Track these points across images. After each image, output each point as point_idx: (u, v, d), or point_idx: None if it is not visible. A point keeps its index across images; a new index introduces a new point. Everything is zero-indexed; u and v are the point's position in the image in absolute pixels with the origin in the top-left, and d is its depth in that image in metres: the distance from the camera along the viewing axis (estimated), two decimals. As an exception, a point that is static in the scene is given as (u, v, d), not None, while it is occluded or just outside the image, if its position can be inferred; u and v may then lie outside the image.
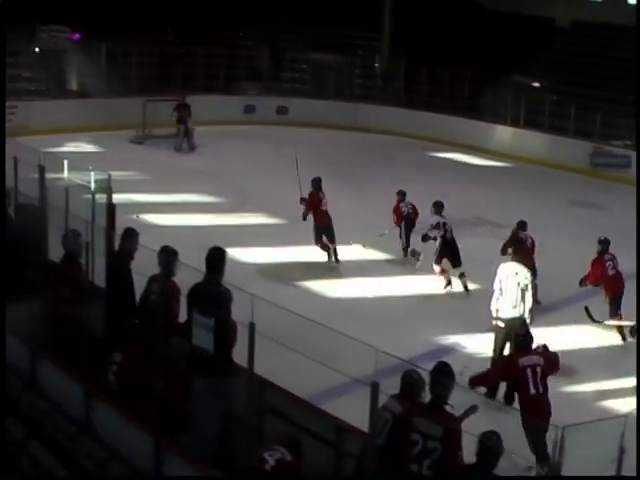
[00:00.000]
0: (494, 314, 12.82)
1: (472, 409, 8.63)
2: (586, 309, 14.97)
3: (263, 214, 21.26)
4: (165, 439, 7.96)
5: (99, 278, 11.25)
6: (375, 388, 7.48)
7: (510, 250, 14.62)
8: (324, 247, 18.27)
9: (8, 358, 10.22)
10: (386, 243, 18.97)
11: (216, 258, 8.68)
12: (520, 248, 13.37)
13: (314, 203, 18.23)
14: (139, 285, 10.57)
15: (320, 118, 34.23)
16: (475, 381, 10.71)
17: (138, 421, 8.28)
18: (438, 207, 17.55)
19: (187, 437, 8.59)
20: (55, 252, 12.08)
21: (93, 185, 14.01)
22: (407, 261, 18.49)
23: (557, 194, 25.37)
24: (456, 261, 17.22)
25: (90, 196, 13.79)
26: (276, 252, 18.60)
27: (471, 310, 14.06)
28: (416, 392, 8.20)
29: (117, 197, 14.25)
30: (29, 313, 10.45)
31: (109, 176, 13.92)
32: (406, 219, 19.00)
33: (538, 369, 10.65)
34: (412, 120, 33.86)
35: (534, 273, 14.83)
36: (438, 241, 17.22)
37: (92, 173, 14.59)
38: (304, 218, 18.30)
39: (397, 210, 19.31)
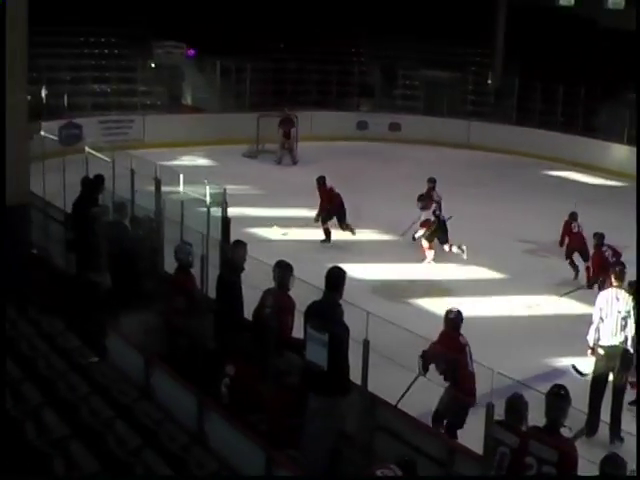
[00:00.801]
0: (591, 343, 12.43)
1: (580, 432, 8.44)
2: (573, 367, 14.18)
3: (374, 230, 21.23)
4: (276, 453, 7.98)
5: (213, 290, 11.35)
6: (490, 409, 7.38)
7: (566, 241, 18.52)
8: (328, 229, 20.49)
9: (123, 366, 10.42)
10: (500, 262, 18.80)
11: (336, 277, 8.71)
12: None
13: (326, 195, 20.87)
14: (254, 298, 10.63)
15: (432, 135, 34.04)
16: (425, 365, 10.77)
17: (250, 433, 8.32)
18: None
19: (298, 452, 8.60)
20: (170, 264, 12.26)
21: (208, 198, 14.20)
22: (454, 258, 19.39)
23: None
24: (444, 238, 19.51)
25: (205, 209, 13.99)
26: (387, 269, 18.54)
27: (584, 332, 13.74)
28: (522, 417, 8.05)
29: (231, 211, 14.43)
30: (144, 323, 10.61)
31: (224, 190, 14.10)
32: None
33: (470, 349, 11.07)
34: (525, 138, 33.40)
35: (586, 257, 18.23)
36: (433, 220, 19.46)
37: (207, 187, 14.80)
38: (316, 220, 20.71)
39: (430, 196, 20.45)
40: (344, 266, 9.18)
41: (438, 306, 16.59)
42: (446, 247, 19.52)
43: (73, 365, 8.85)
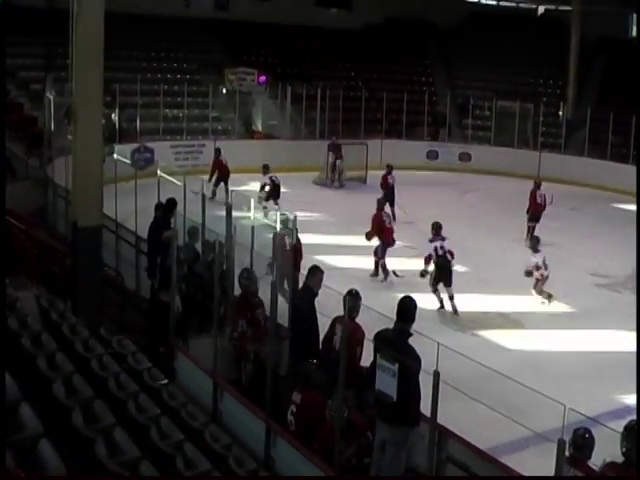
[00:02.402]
0: None
1: None
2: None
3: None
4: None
5: (283, 317, 11.34)
6: (561, 446, 7.23)
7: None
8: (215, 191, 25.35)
9: (192, 389, 10.46)
10: (572, 295, 18.56)
11: (407, 307, 8.65)
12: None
13: (220, 166, 27.55)
14: (324, 326, 10.62)
15: (503, 166, 33.88)
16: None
17: (319, 461, 8.28)
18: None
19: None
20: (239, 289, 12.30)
21: (279, 225, 14.24)
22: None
23: None
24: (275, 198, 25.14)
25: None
26: (457, 300, 18.36)
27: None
28: (590, 452, 7.92)
29: (301, 237, 14.45)
30: (214, 347, 10.63)
31: (295, 217, 14.12)
32: (390, 188, 25.55)
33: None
34: (597, 170, 33.05)
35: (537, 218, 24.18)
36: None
37: (277, 213, 14.84)
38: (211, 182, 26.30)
39: (385, 179, 26.07)
40: (414, 295, 9.13)
41: (505, 338, 16.46)
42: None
43: (143, 386, 8.88)
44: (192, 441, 7.71)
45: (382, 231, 19.98)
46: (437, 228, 18.28)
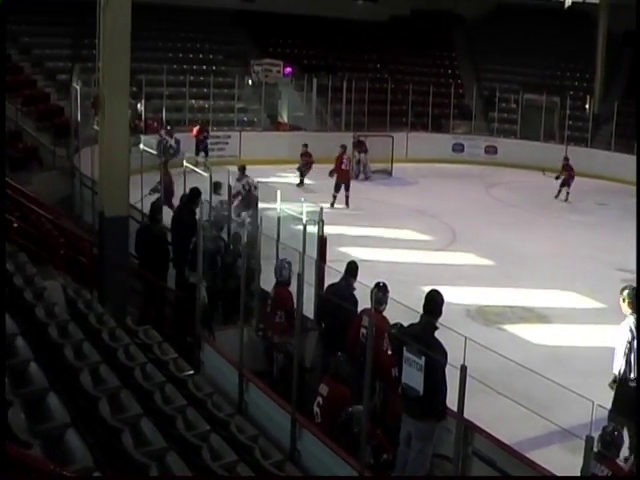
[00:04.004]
0: None
1: None
2: None
3: (471, 254, 21.00)
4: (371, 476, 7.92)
5: (308, 309, 11.32)
6: (589, 443, 7.19)
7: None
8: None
9: (218, 380, 10.46)
10: (598, 290, 18.44)
11: (434, 300, 8.62)
12: None
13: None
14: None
15: (529, 160, 33.66)
16: None
17: (345, 455, 8.26)
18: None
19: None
20: (264, 280, 12.31)
21: (304, 216, 14.19)
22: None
23: None
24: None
25: (301, 227, 14.01)
26: (482, 293, 18.30)
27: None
28: (618, 449, 7.86)
29: (327, 229, 14.40)
30: (240, 339, 10.63)
31: (321, 209, 14.09)
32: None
33: None
34: (624, 164, 32.63)
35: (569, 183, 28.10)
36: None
37: (304, 205, 14.80)
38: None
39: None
40: (440, 289, 9.09)
41: (531, 333, 16.36)
42: None
43: (169, 377, 8.90)
44: (218, 432, 7.72)
45: (338, 171, 25.48)
46: (242, 169, 21.25)
